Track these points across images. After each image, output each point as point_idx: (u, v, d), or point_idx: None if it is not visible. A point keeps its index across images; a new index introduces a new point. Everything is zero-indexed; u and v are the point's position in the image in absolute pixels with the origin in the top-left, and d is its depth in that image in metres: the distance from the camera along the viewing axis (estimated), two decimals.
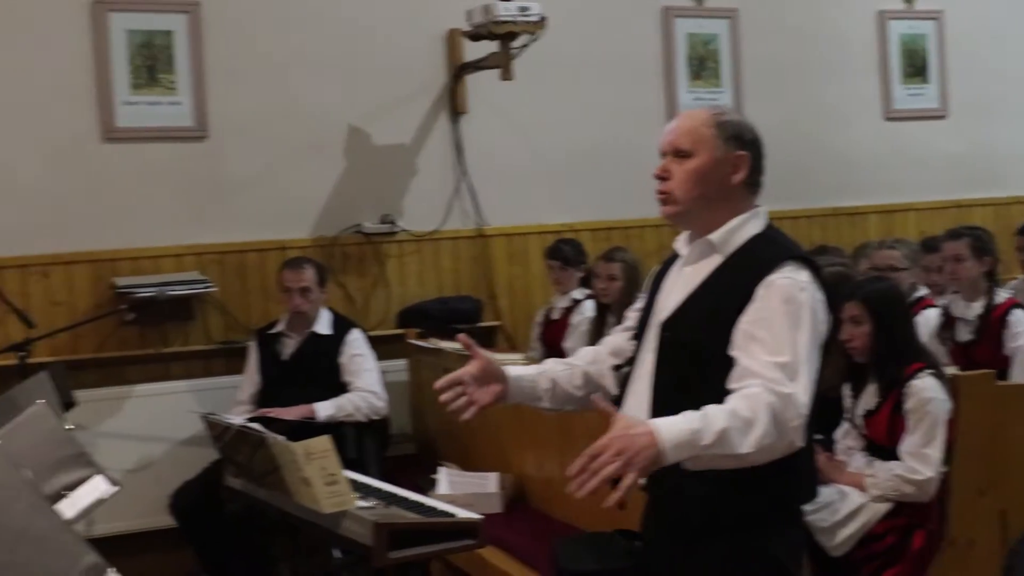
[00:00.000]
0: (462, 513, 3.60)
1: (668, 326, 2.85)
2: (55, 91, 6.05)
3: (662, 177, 2.87)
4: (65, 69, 6.08)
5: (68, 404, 4.31)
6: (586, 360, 3.12)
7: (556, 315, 6.47)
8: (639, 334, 2.97)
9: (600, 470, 2.41)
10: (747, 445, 2.51)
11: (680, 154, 2.84)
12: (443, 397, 2.96)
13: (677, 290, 2.90)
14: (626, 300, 5.44)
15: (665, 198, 2.87)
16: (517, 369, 3.05)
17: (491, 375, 2.97)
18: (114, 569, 1.57)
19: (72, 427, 2.56)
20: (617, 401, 3.00)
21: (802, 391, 2.62)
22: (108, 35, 6.12)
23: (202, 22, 6.29)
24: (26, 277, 6.01)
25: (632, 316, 3.11)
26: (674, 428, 2.47)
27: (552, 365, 3.13)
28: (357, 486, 3.69)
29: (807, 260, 2.81)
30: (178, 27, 6.23)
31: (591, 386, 3.07)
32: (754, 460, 2.55)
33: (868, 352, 4.18)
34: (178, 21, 6.24)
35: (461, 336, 3.01)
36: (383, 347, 6.19)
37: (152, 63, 6.20)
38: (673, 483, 2.81)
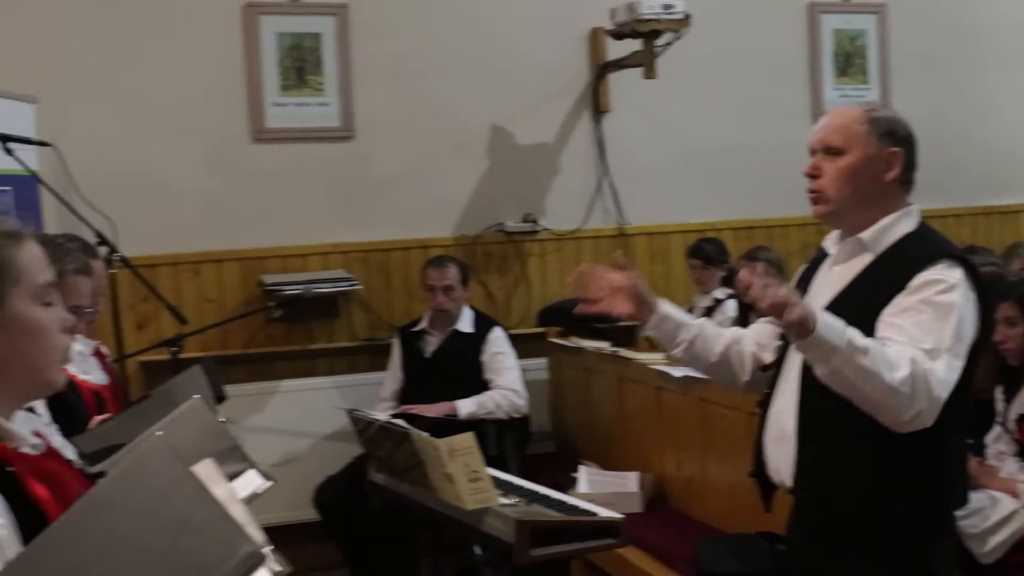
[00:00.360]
0: (604, 512, 3.59)
1: None
2: (207, 93, 6.18)
3: (813, 175, 2.83)
4: (217, 71, 6.21)
5: (219, 398, 4.39)
6: (734, 337, 3.11)
7: (697, 314, 6.38)
8: (786, 334, 2.93)
9: (769, 287, 2.46)
10: (891, 378, 2.50)
11: (832, 151, 2.81)
12: (570, 279, 3.03)
13: (826, 289, 2.86)
14: None
15: (817, 197, 2.84)
16: (672, 308, 3.07)
17: (635, 296, 2.99)
18: (274, 558, 1.61)
19: (225, 420, 2.61)
20: (765, 402, 2.97)
21: (941, 370, 2.56)
22: (259, 38, 6.23)
23: (349, 24, 6.37)
24: (178, 274, 6.16)
25: None
26: (824, 312, 2.55)
27: (705, 323, 3.15)
28: (499, 483, 3.69)
29: (962, 259, 2.75)
30: (326, 29, 6.33)
31: (725, 360, 3.07)
32: (891, 402, 2.53)
33: (1022, 354, 4.07)
34: (326, 23, 6.33)
35: (617, 256, 3.07)
36: (524, 345, 6.20)
37: (301, 65, 6.31)
38: (820, 485, 2.77)
